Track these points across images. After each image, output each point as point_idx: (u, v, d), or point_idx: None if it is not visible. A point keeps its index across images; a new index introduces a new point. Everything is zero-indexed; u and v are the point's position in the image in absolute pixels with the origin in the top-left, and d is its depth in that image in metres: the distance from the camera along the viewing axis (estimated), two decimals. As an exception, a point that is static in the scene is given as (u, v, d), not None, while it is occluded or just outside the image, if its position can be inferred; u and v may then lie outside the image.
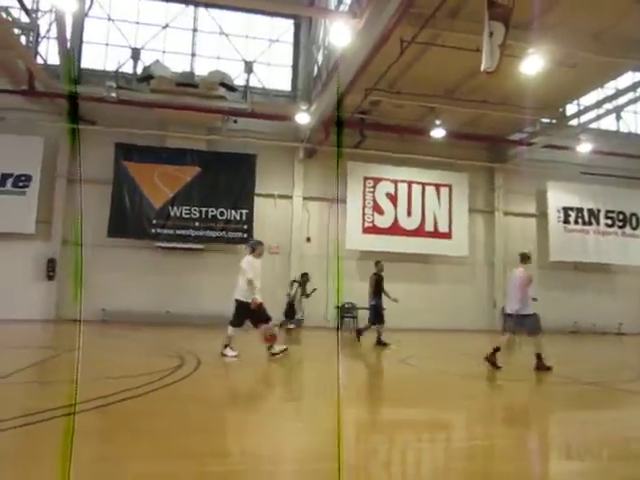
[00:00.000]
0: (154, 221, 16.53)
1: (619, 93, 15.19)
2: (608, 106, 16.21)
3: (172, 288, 16.64)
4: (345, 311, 17.08)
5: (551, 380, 7.80)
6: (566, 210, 19.79)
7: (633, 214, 20.49)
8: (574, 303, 19.04)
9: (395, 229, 18.28)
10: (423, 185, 18.77)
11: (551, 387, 7.38)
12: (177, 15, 17.87)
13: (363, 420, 5.00)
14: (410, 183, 18.65)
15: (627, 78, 16.50)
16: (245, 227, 17.12)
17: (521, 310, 8.41)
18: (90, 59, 17.33)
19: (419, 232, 18.48)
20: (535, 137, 17.96)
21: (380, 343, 11.60)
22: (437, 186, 18.91)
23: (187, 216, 16.76)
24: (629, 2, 10.41)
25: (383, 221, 18.27)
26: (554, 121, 17.05)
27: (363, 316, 16.87)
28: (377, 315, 11.78)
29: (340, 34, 10.71)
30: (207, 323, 15.97)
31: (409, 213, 18.53)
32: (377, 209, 18.29)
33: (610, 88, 17.22)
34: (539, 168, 19.38)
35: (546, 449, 4.22)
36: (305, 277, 15.39)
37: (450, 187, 19.01)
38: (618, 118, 20.99)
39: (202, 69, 17.08)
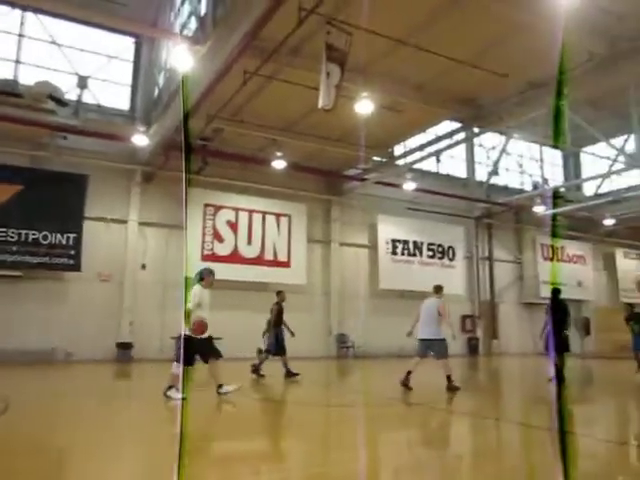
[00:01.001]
0: (-40, 244, 14.50)
1: (438, 138, 17.01)
2: (430, 149, 18.03)
3: (-15, 321, 14.60)
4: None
5: (378, 402, 8.23)
6: (394, 242, 21.48)
7: (450, 247, 22.94)
8: (401, 329, 20.33)
9: (235, 257, 18.22)
10: (264, 214, 19.05)
11: (375, 409, 7.76)
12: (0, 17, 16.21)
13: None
14: (251, 212, 18.81)
15: (445, 126, 18.55)
16: (72, 252, 15.74)
17: (434, 335, 9.42)
18: None
19: (259, 260, 18.65)
20: (367, 174, 19.30)
21: (290, 374, 11.31)
22: (277, 215, 19.32)
23: (2, 239, 14.97)
24: (446, 62, 11.80)
25: (223, 249, 18.11)
26: (384, 160, 18.51)
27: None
28: (280, 346, 11.53)
29: (182, 58, 10.57)
30: (31, 360, 14.27)
31: (249, 241, 18.63)
32: (217, 236, 18.10)
33: (431, 133, 19.19)
34: (371, 202, 20.87)
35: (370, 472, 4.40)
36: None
37: (290, 217, 19.54)
38: (438, 161, 23.43)
39: (28, 79, 15.64)
